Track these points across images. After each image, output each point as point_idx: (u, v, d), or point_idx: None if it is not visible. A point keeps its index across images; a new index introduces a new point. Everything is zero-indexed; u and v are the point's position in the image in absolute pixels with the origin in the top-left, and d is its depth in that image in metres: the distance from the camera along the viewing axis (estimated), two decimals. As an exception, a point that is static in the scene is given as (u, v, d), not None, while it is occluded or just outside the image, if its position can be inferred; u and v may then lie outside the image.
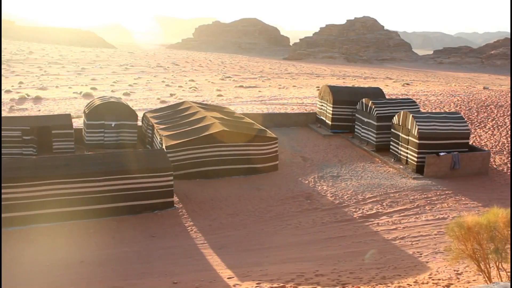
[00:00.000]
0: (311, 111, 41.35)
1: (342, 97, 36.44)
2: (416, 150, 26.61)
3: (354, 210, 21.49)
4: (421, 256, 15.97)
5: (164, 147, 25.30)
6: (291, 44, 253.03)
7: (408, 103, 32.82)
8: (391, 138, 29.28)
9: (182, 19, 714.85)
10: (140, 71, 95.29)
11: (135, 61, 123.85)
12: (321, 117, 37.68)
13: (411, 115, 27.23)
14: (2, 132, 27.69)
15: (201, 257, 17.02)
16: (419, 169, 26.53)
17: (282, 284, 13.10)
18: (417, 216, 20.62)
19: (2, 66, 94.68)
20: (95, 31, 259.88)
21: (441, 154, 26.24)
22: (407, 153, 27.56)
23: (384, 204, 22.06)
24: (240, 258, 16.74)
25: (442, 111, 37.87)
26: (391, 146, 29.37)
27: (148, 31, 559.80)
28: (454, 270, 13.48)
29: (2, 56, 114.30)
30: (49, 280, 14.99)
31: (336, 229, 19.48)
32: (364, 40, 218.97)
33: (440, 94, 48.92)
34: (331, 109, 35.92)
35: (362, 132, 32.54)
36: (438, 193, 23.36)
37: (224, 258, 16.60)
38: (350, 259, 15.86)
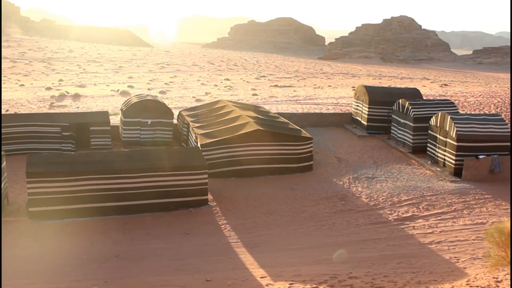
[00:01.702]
0: (346, 111, 41.03)
1: (378, 97, 36.04)
2: (454, 153, 26.11)
3: (389, 212, 21.20)
4: (458, 262, 15.64)
5: (199, 145, 25.45)
6: (326, 43, 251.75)
7: (446, 104, 32.24)
8: (428, 139, 28.80)
9: (218, 19, 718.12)
10: (176, 70, 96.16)
11: (171, 60, 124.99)
12: (357, 118, 37.35)
13: (449, 117, 26.74)
14: (42, 127, 28.33)
15: (234, 255, 17.04)
16: (457, 172, 26.01)
17: (315, 285, 13.03)
18: (455, 220, 20.21)
19: (43, 64, 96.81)
20: (133, 30, 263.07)
21: (481, 157, 25.68)
22: (444, 155, 27.07)
23: (420, 207, 21.70)
24: (273, 257, 16.70)
25: (482, 112, 37.10)
26: (428, 148, 28.89)
27: (183, 30, 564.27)
28: (493, 278, 13.13)
29: (43, 55, 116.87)
30: (84, 273, 15.23)
31: (370, 231, 19.25)
32: (401, 40, 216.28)
33: (480, 95, 47.89)
34: (367, 109, 35.56)
35: (399, 133, 32.11)
36: (476, 197, 22.84)
37: (257, 257, 16.58)
38: (385, 262, 15.65)
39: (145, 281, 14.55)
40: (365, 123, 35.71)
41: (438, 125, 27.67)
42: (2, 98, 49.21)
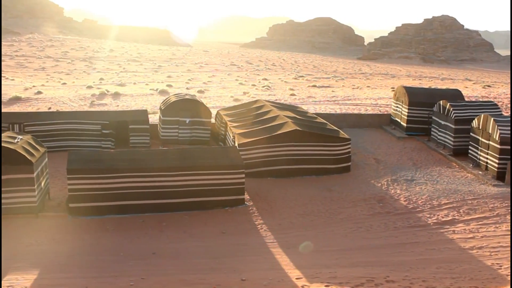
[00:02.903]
0: (385, 113, 40.54)
1: (418, 98, 35.47)
2: (497, 156, 25.45)
3: (428, 215, 20.79)
4: (500, 268, 15.19)
5: (236, 144, 25.49)
6: (365, 43, 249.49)
7: (489, 106, 31.46)
8: (470, 142, 28.17)
9: (256, 18, 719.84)
10: (214, 69, 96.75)
11: (209, 60, 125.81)
12: (396, 119, 36.86)
13: (492, 119, 26.08)
14: (83, 125, 28.88)
15: (270, 255, 16.99)
16: (500, 176, 25.34)
17: (351, 288, 12.87)
18: (497, 225, 19.66)
19: (85, 63, 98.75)
20: (172, 30, 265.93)
21: (524, 160, 24.97)
22: (487, 158, 26.42)
23: (461, 211, 21.20)
24: (309, 259, 16.58)
25: (526, 115, 36.10)
26: (469, 151, 28.26)
27: (223, 30, 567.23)
28: (537, 284, 12.76)
29: (84, 54, 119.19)
30: (121, 269, 15.41)
31: (409, 234, 18.91)
32: (442, 40, 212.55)
33: (524, 98, 46.65)
34: (407, 110, 35.04)
35: (439, 135, 31.51)
36: (519, 202, 22.20)
37: (293, 258, 16.49)
38: (423, 266, 15.34)
39: (181, 279, 14.63)
40: (405, 125, 35.20)
41: (480, 127, 27.03)
42: (46, 96, 50.41)
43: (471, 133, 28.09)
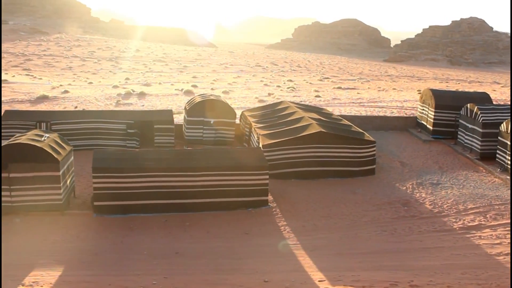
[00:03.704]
0: (411, 115, 40.15)
1: (445, 101, 35.02)
2: (525, 161, 24.99)
3: (454, 220, 20.48)
4: (528, 275, 14.92)
5: (261, 145, 25.47)
6: (391, 45, 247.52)
7: (518, 110, 30.90)
8: (498, 146, 27.69)
9: (281, 19, 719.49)
10: (239, 70, 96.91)
11: (234, 60, 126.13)
12: (422, 122, 36.46)
13: (521, 123, 25.61)
14: (109, 124, 29.17)
15: (293, 257, 16.93)
16: (528, 181, 24.88)
17: (375, 292, 12.74)
18: (525, 231, 19.30)
19: (111, 63, 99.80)
20: (198, 31, 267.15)
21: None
22: (514, 163, 25.96)
23: (487, 216, 20.84)
24: (332, 261, 16.49)
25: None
26: (497, 155, 27.78)
27: (248, 31, 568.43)
28: None
29: (111, 54, 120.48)
30: (144, 268, 15.51)
31: (434, 239, 18.66)
32: (470, 42, 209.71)
33: (554, 102, 45.77)
34: (433, 113, 34.64)
35: (466, 138, 31.07)
36: (548, 208, 21.75)
37: (316, 260, 16.40)
38: (448, 271, 15.12)
39: (204, 279, 14.67)
40: (431, 128, 34.80)
41: (508, 132, 26.56)
42: (72, 95, 51.06)
43: (499, 137, 27.61)
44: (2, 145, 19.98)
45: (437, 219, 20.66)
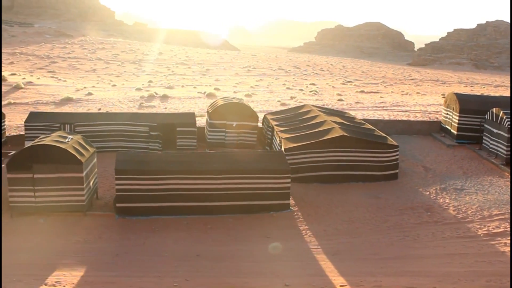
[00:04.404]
0: (435, 120, 39.72)
1: (470, 106, 34.56)
2: (552, 167, 24.53)
3: (478, 226, 20.15)
4: (554, 283, 14.61)
5: (283, 149, 25.42)
6: (415, 49, 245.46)
7: (545, 115, 30.35)
8: (524, 152, 27.24)
9: (304, 23, 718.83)
10: (262, 74, 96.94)
11: (257, 64, 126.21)
12: (446, 126, 36.04)
13: (548, 128, 25.15)
14: (131, 126, 29.37)
15: (314, 261, 16.84)
16: (555, 187, 24.41)
17: (397, 298, 12.60)
18: (551, 238, 18.92)
19: (134, 66, 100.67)
20: (220, 34, 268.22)
21: None
22: (541, 169, 25.49)
23: (513, 222, 20.49)
24: (354, 266, 16.36)
25: None
26: (523, 161, 27.33)
27: (271, 34, 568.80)
28: None
29: (134, 57, 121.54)
30: (166, 270, 15.57)
31: (457, 245, 18.39)
32: (496, 46, 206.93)
33: None
34: (457, 118, 34.21)
35: (491, 144, 30.61)
36: None
37: (338, 265, 16.30)
38: (472, 279, 14.89)
39: (224, 281, 14.66)
40: (455, 132, 34.37)
41: (535, 137, 26.10)
42: (96, 97, 51.60)
43: (525, 143, 27.16)
44: (26, 146, 20.26)
45: (461, 225, 20.36)
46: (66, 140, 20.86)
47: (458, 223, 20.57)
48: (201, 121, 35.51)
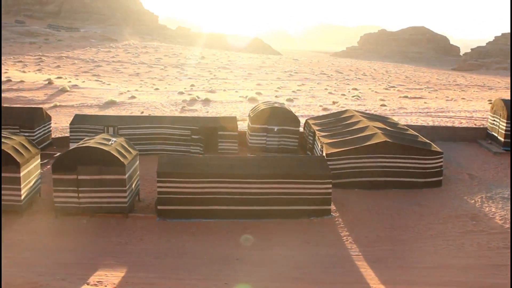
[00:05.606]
0: (481, 126, 38.74)
1: (518, 112, 33.56)
2: None
3: (526, 237, 19.52)
4: None
5: (324, 154, 25.21)
6: (461, 54, 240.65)
7: None
8: None
9: (347, 27, 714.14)
10: (303, 78, 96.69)
11: (299, 68, 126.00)
12: (493, 133, 35.10)
13: None
14: (174, 130, 29.66)
15: (355, 268, 16.62)
16: None
17: (441, 309, 12.27)
18: None
19: (177, 70, 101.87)
20: (262, 38, 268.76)
21: None
22: None
23: None
24: (395, 274, 16.08)
25: None
26: None
27: (313, 39, 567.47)
28: None
29: (177, 61, 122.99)
30: (205, 273, 15.62)
31: (504, 256, 17.83)
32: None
33: None
34: (505, 124, 33.25)
35: (540, 151, 29.65)
36: None
37: (379, 272, 16.04)
38: (520, 291, 14.42)
39: (264, 286, 14.60)
40: (502, 139, 33.42)
41: None
42: (139, 101, 52.38)
43: None
44: (71, 148, 20.67)
45: (507, 235, 19.73)
46: (110, 142, 21.19)
47: (505, 233, 19.95)
48: (242, 125, 35.59)
